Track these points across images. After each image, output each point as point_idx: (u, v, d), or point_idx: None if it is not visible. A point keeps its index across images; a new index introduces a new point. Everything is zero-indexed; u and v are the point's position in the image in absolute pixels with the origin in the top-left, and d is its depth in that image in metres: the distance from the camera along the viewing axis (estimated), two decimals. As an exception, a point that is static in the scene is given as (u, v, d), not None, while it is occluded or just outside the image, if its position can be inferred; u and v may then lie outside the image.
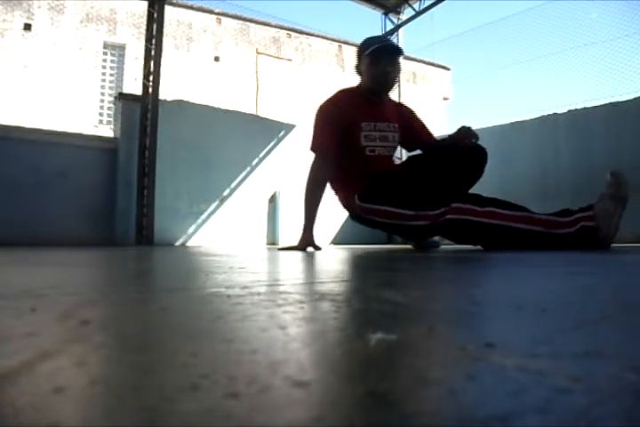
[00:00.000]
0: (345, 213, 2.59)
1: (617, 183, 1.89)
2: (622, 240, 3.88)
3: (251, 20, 10.15)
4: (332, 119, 2.28)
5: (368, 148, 2.31)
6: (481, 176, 2.29)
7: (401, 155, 4.25)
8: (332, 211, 5.07)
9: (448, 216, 2.04)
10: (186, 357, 0.26)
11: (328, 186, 2.38)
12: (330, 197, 2.85)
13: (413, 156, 2.52)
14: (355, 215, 2.46)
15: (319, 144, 2.29)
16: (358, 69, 2.38)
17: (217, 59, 9.65)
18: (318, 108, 2.38)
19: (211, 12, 9.76)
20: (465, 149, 2.20)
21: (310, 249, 2.23)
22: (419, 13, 5.79)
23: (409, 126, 2.52)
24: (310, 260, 1.45)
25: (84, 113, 8.36)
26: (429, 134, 2.62)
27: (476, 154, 2.23)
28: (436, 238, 2.56)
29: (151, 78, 4.22)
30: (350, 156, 2.29)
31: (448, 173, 2.14)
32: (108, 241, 4.01)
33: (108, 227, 4.12)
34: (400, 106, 2.64)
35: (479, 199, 2.08)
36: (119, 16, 8.93)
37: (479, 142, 2.30)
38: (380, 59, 2.23)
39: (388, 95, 2.47)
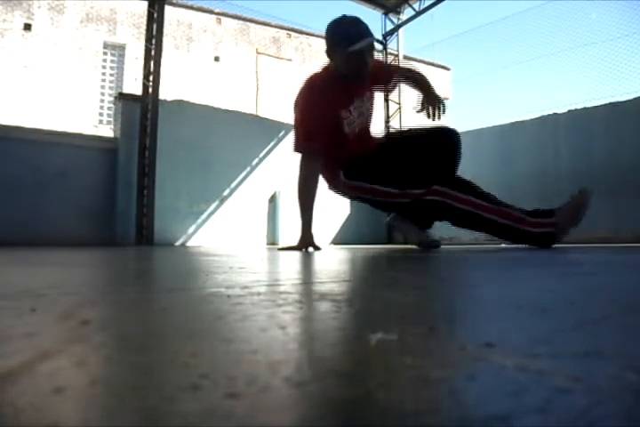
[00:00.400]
0: (345, 214, 2.59)
1: (584, 198, 2.20)
2: (623, 240, 3.88)
3: (251, 20, 10.16)
4: (310, 113, 2.24)
5: (350, 133, 2.33)
6: (458, 157, 2.31)
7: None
8: (332, 211, 5.07)
9: (429, 197, 2.19)
10: (186, 357, 0.26)
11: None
12: (329, 198, 2.85)
13: (391, 137, 2.62)
14: (339, 191, 2.52)
15: (300, 145, 2.28)
16: (331, 55, 2.25)
17: (217, 59, 9.65)
18: (295, 103, 2.32)
19: (211, 12, 9.76)
20: (431, 131, 2.28)
21: (310, 249, 2.24)
22: (419, 13, 5.79)
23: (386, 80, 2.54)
24: (310, 260, 1.45)
25: (84, 113, 8.36)
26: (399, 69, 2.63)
27: (444, 134, 2.30)
28: (437, 237, 2.58)
29: (151, 78, 4.22)
30: (332, 138, 2.28)
31: (423, 154, 2.23)
32: (107, 241, 4.01)
33: (108, 227, 4.12)
34: (378, 72, 2.48)
35: (463, 185, 2.23)
36: (119, 16, 8.94)
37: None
38: (362, 55, 2.16)
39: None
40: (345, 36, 2.14)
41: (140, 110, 4.21)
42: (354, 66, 2.19)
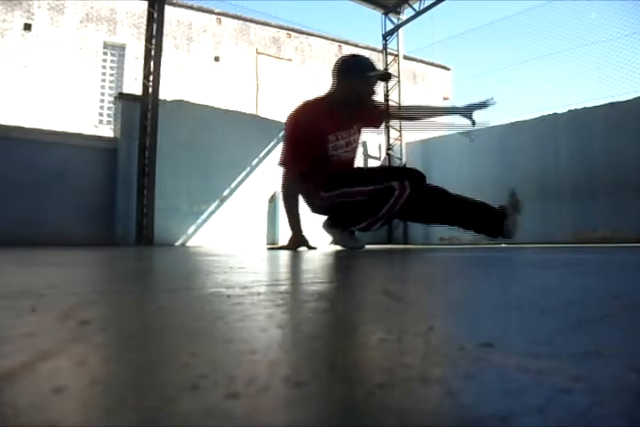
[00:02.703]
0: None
1: (515, 201, 2.39)
2: (623, 240, 3.88)
3: (251, 20, 10.15)
4: (299, 137, 2.41)
5: (334, 155, 2.49)
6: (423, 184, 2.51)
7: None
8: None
9: (394, 186, 2.28)
10: (186, 357, 0.26)
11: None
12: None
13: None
14: (317, 207, 2.61)
15: (286, 160, 2.45)
16: (340, 82, 2.42)
17: (217, 59, 9.64)
18: (287, 123, 2.49)
19: (211, 12, 9.76)
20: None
21: (303, 248, 2.35)
22: (419, 13, 5.79)
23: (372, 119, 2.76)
24: (310, 260, 1.45)
25: (84, 113, 8.36)
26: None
27: (414, 170, 2.60)
28: (361, 243, 2.68)
29: (151, 78, 4.22)
30: (317, 160, 2.44)
31: (392, 173, 2.48)
32: (107, 241, 4.01)
33: (107, 227, 4.12)
34: (378, 114, 2.78)
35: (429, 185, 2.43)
36: (119, 16, 8.93)
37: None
38: (373, 83, 2.41)
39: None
40: (366, 64, 2.41)
41: (140, 110, 4.20)
42: (363, 91, 2.40)
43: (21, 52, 8.00)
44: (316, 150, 2.42)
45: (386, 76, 2.57)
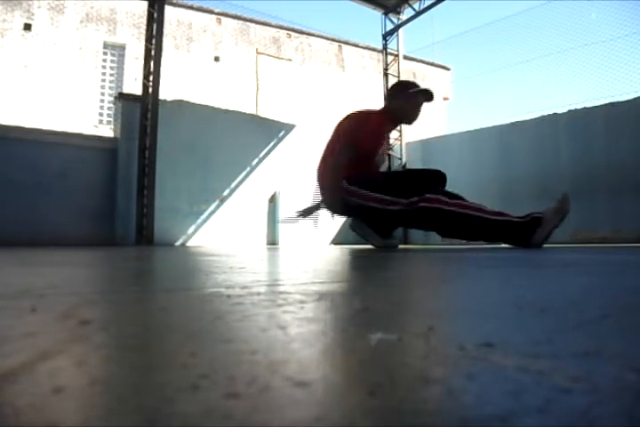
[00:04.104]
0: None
1: (564, 201, 2.36)
2: (623, 240, 3.88)
3: (251, 20, 10.15)
4: (376, 138, 2.69)
5: (377, 158, 2.77)
6: (444, 185, 2.63)
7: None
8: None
9: (422, 204, 2.36)
10: (186, 357, 0.26)
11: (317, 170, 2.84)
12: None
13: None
14: (335, 199, 2.72)
15: (338, 161, 2.63)
16: (397, 101, 2.72)
17: (217, 59, 9.64)
18: (373, 123, 2.71)
19: (211, 12, 9.75)
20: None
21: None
22: (419, 13, 5.79)
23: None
24: (310, 260, 1.45)
25: (84, 113, 8.35)
26: None
27: (437, 171, 2.68)
28: (395, 242, 2.83)
29: (151, 78, 4.22)
30: (362, 159, 2.65)
31: (417, 177, 2.61)
32: (107, 241, 4.01)
33: (108, 227, 4.12)
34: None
35: (449, 194, 2.44)
36: (119, 16, 8.93)
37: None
38: (421, 104, 2.72)
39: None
40: (417, 87, 2.75)
41: (140, 110, 4.21)
42: (417, 113, 2.75)
43: (21, 52, 8.00)
44: (370, 150, 2.65)
45: (430, 97, 2.80)
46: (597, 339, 0.30)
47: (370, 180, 2.60)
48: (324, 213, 2.92)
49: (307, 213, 2.93)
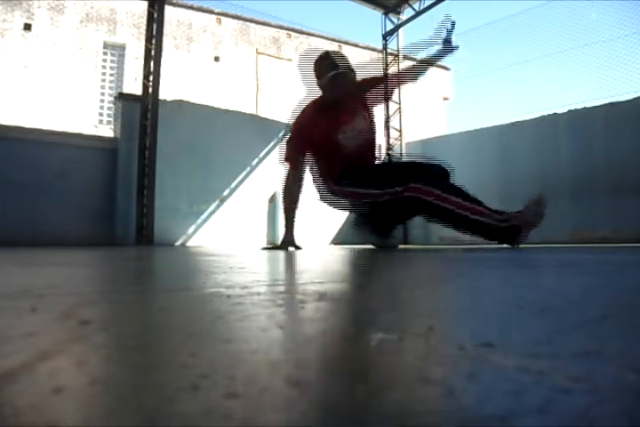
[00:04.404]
0: (345, 214, 2.72)
1: (541, 202, 2.40)
2: (623, 240, 3.88)
3: (251, 20, 10.14)
4: (303, 136, 2.57)
5: (346, 146, 2.60)
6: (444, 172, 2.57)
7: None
8: (332, 212, 5.07)
9: (406, 194, 2.35)
10: (186, 357, 0.26)
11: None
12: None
13: (391, 161, 3.01)
14: (325, 195, 2.74)
15: (287, 158, 2.63)
16: (320, 84, 2.56)
17: (217, 59, 9.64)
18: (293, 125, 2.67)
19: (211, 12, 9.75)
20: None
21: (291, 249, 2.50)
22: (419, 13, 5.79)
23: (373, 94, 2.79)
24: (310, 260, 1.45)
25: (84, 113, 8.35)
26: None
27: (439, 165, 2.62)
28: (395, 241, 2.81)
29: (151, 78, 4.22)
30: (330, 151, 2.59)
31: (414, 169, 2.53)
32: (107, 241, 4.01)
33: (107, 227, 4.12)
34: (360, 87, 2.76)
35: (444, 186, 2.39)
36: (119, 16, 8.93)
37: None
38: (338, 81, 2.48)
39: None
40: (323, 64, 2.52)
41: (140, 110, 4.20)
42: (337, 91, 2.51)
43: (21, 52, 8.00)
44: (328, 141, 2.54)
45: (344, 74, 2.53)
46: (597, 339, 0.30)
47: (355, 173, 2.57)
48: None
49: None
